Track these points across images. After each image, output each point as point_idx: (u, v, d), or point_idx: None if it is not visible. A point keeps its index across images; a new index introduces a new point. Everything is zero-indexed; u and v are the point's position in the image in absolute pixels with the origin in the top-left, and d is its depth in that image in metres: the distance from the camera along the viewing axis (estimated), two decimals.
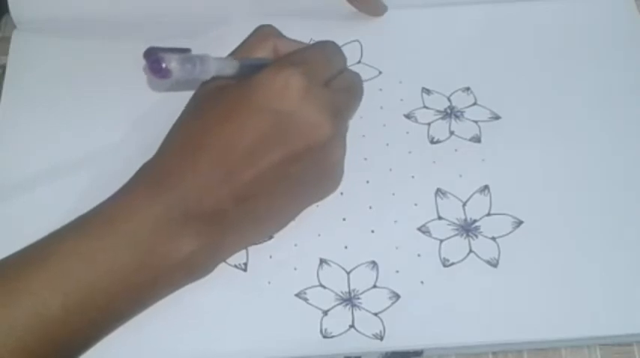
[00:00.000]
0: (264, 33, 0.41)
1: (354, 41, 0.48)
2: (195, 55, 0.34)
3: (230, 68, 0.36)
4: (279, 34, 0.41)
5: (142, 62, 0.47)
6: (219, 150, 0.36)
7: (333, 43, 0.41)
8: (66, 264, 0.35)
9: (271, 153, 0.36)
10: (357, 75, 0.42)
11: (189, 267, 0.38)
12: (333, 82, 0.39)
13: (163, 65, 0.32)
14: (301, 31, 0.48)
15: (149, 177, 0.38)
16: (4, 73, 0.47)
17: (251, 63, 0.38)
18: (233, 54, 0.40)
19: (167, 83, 0.32)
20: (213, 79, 0.35)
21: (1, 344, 0.33)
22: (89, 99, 0.46)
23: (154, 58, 0.32)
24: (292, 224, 0.42)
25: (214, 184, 0.36)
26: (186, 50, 0.34)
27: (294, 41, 0.41)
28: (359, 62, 0.48)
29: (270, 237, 0.41)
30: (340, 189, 0.43)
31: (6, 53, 0.48)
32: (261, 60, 0.39)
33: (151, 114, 0.45)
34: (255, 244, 0.41)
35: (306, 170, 0.38)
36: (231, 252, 0.40)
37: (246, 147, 0.36)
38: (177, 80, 0.33)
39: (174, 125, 0.39)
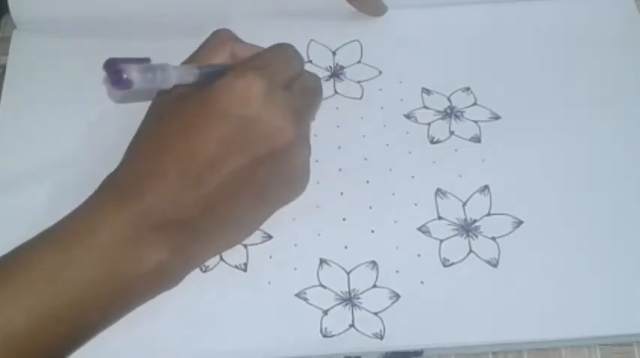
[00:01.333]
0: (221, 37, 0.40)
1: (354, 41, 0.48)
2: (156, 64, 0.33)
3: (190, 76, 0.36)
4: (236, 39, 0.41)
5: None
6: (183, 158, 0.36)
7: (290, 45, 0.41)
8: (30, 278, 0.34)
9: (235, 158, 0.36)
10: (315, 76, 0.42)
11: (158, 277, 0.38)
12: (293, 84, 0.39)
13: (124, 76, 0.32)
14: (301, 31, 0.48)
15: (114, 188, 0.37)
16: (4, 73, 0.47)
17: (210, 69, 0.38)
18: (190, 59, 0.40)
19: (126, 93, 0.32)
20: (173, 86, 0.35)
21: None
22: (89, 100, 0.46)
23: (114, 69, 0.31)
24: (292, 224, 0.42)
25: (180, 193, 0.36)
26: (146, 60, 0.33)
27: (252, 45, 0.41)
28: (359, 62, 0.48)
29: (267, 240, 0.41)
30: (340, 189, 0.43)
31: (6, 53, 0.48)
32: (220, 66, 0.39)
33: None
34: (224, 251, 0.40)
35: (271, 173, 0.38)
36: (202, 259, 0.40)
37: (210, 154, 0.36)
38: (137, 90, 0.32)
39: (136, 135, 0.39)
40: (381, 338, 0.39)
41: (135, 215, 0.36)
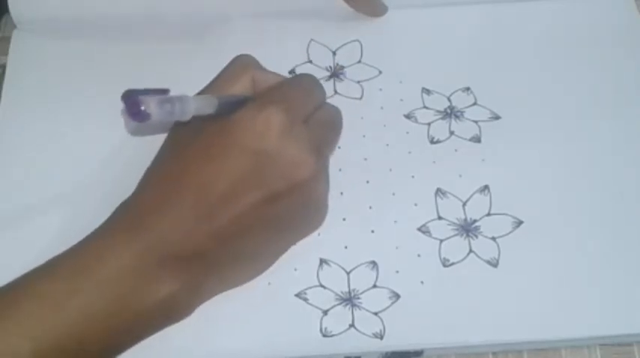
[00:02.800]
0: (242, 64, 0.39)
1: (354, 41, 0.48)
2: (174, 95, 0.32)
3: (209, 107, 0.35)
4: (257, 65, 0.40)
5: (142, 61, 0.48)
6: (199, 190, 0.35)
7: (311, 76, 0.40)
8: (36, 308, 0.34)
9: (252, 193, 0.35)
10: (336, 109, 0.42)
11: (167, 310, 0.37)
12: (313, 116, 0.39)
13: (142, 108, 0.31)
14: (301, 31, 0.48)
15: (125, 217, 0.37)
16: (4, 73, 0.47)
17: (230, 99, 0.37)
18: (210, 86, 0.39)
19: (146, 126, 0.31)
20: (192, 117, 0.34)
21: None
22: (89, 100, 0.46)
23: (132, 101, 0.30)
24: None
25: (193, 225, 0.35)
26: (165, 91, 0.33)
27: (273, 73, 0.40)
28: (359, 62, 0.48)
29: None
30: (340, 189, 0.43)
31: (6, 53, 0.48)
32: (240, 97, 0.38)
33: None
34: (237, 286, 0.40)
35: (288, 209, 0.37)
36: (213, 293, 0.39)
37: (226, 187, 0.35)
38: (156, 123, 0.31)
39: (152, 164, 0.39)
40: (381, 338, 0.39)
41: (144, 246, 0.35)
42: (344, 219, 0.42)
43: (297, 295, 0.40)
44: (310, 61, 0.47)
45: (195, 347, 0.38)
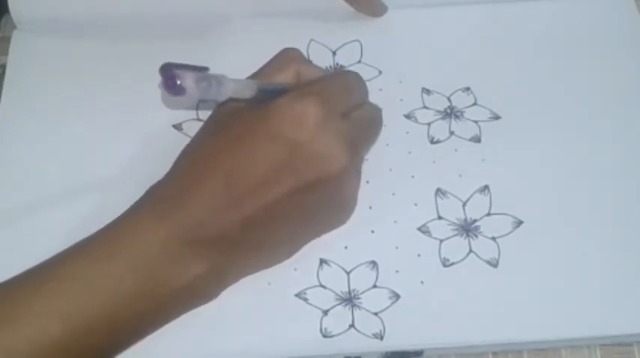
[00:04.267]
0: (288, 56, 0.40)
1: (354, 41, 0.48)
2: (212, 74, 0.33)
3: (248, 90, 0.35)
4: (303, 59, 0.40)
5: (142, 61, 0.47)
6: (230, 175, 0.36)
7: (356, 74, 0.40)
8: (66, 289, 0.34)
9: (283, 182, 0.36)
10: (377, 109, 0.42)
11: (193, 293, 0.37)
12: (353, 113, 0.39)
13: (178, 82, 0.31)
14: (301, 31, 0.48)
15: (156, 200, 0.37)
16: (4, 73, 0.47)
17: (271, 87, 0.37)
18: (254, 75, 0.39)
19: (183, 101, 0.31)
20: (231, 100, 0.35)
21: None
22: (89, 100, 0.46)
23: (169, 75, 0.31)
24: None
25: (222, 209, 0.35)
26: (204, 68, 0.33)
27: (318, 67, 0.40)
28: (359, 62, 0.48)
29: None
30: None
31: (6, 53, 0.48)
32: (281, 85, 0.38)
33: (149, 117, 0.45)
34: (259, 270, 0.40)
35: (316, 201, 0.37)
36: (236, 278, 0.39)
37: (257, 174, 0.35)
38: (191, 98, 0.32)
39: (187, 146, 0.39)
40: (381, 338, 0.39)
41: (174, 229, 0.35)
42: None
43: (297, 295, 0.40)
44: (310, 61, 0.47)
45: (196, 347, 0.38)
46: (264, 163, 0.35)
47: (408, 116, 0.46)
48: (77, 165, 0.44)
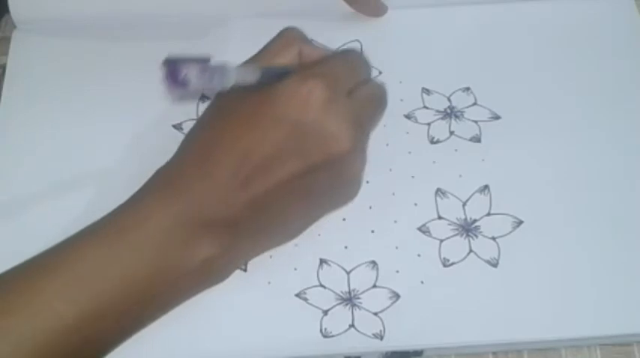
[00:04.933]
0: (289, 37, 0.39)
1: (354, 41, 0.48)
2: (215, 64, 0.33)
3: (251, 75, 0.35)
4: (304, 39, 0.40)
5: (142, 61, 0.47)
6: (237, 157, 0.36)
7: (357, 52, 0.41)
8: (78, 272, 0.34)
9: (289, 163, 0.36)
10: (381, 86, 0.41)
11: (202, 274, 0.37)
12: (357, 92, 0.39)
13: (181, 75, 0.31)
14: None
15: (163, 182, 0.37)
16: (4, 73, 0.47)
17: (273, 70, 0.37)
18: (256, 57, 0.39)
19: (187, 93, 0.31)
20: (235, 85, 0.35)
21: (14, 355, 0.33)
22: (89, 100, 0.46)
23: (172, 67, 0.31)
24: None
25: (230, 191, 0.36)
26: (206, 59, 0.33)
27: (320, 47, 0.40)
28: None
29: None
30: None
31: (6, 53, 0.48)
32: (284, 67, 0.38)
33: (151, 116, 0.45)
34: (267, 251, 0.40)
35: (323, 182, 0.37)
36: (246, 258, 0.40)
37: (264, 155, 0.36)
38: (196, 90, 0.32)
39: (192, 129, 0.39)
40: (381, 338, 0.39)
41: (182, 211, 0.36)
42: (344, 219, 0.42)
43: (297, 295, 0.40)
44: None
45: (195, 346, 0.38)
46: (271, 145, 0.36)
47: (408, 116, 0.46)
48: (77, 164, 0.44)
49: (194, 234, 0.36)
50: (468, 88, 0.47)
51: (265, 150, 0.36)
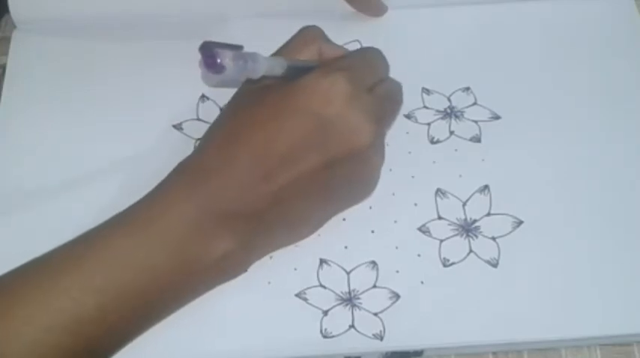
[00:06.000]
0: (310, 35, 0.40)
1: (354, 41, 0.48)
2: (247, 52, 0.34)
3: (278, 68, 0.36)
4: (324, 37, 0.41)
5: (142, 61, 0.48)
6: (259, 150, 0.36)
7: (376, 49, 0.41)
8: (100, 263, 0.35)
9: (311, 156, 0.36)
10: (398, 83, 0.42)
11: (223, 266, 0.38)
12: (377, 88, 0.39)
13: (218, 61, 0.32)
14: None
15: (186, 175, 0.38)
16: (4, 73, 0.47)
17: (298, 64, 0.38)
18: (278, 53, 0.40)
19: (222, 78, 0.33)
20: (261, 77, 0.35)
21: (38, 343, 0.33)
22: (89, 100, 0.46)
23: (209, 53, 0.33)
24: None
25: (252, 184, 0.36)
26: (239, 47, 0.34)
27: (338, 46, 0.41)
28: None
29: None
30: None
31: (6, 53, 0.48)
32: (308, 62, 0.39)
33: (151, 116, 0.45)
34: (284, 247, 0.41)
35: (343, 176, 0.38)
36: (263, 253, 0.40)
37: (286, 149, 0.36)
38: (230, 76, 0.33)
39: (215, 121, 0.39)
40: (381, 338, 0.39)
41: (204, 203, 0.36)
42: (344, 219, 0.42)
43: (297, 295, 0.40)
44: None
45: (195, 347, 0.38)
46: (293, 138, 0.36)
47: (408, 116, 0.46)
48: (77, 165, 0.44)
49: (215, 226, 0.36)
50: (468, 88, 0.47)
51: (287, 144, 0.36)
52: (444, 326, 0.39)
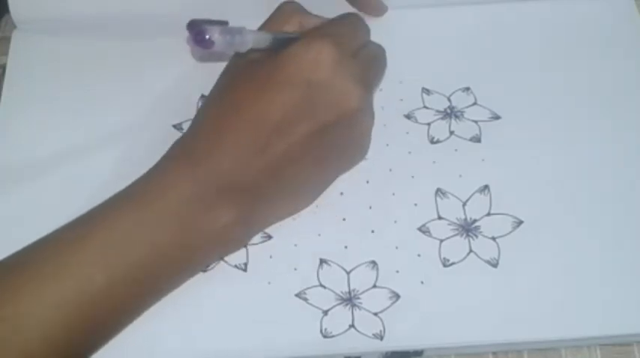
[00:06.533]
0: (289, 9, 0.41)
1: None
2: (234, 27, 0.35)
3: (264, 41, 0.37)
4: (303, 10, 0.42)
5: (142, 61, 0.48)
6: (253, 123, 0.37)
7: (356, 15, 0.42)
8: (108, 238, 0.36)
9: (303, 123, 0.37)
10: (380, 47, 0.43)
11: (224, 240, 0.39)
12: (360, 52, 0.40)
13: (207, 36, 0.33)
14: None
15: (182, 152, 0.38)
16: (4, 73, 0.47)
17: (283, 37, 0.39)
18: (261, 29, 0.40)
19: (210, 53, 0.34)
20: (248, 51, 0.36)
21: (48, 319, 0.34)
22: (89, 99, 0.46)
23: (197, 30, 0.34)
24: (292, 224, 0.42)
25: (248, 157, 0.37)
26: (224, 22, 0.35)
27: (318, 16, 0.42)
28: None
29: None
30: (340, 189, 0.43)
31: (6, 53, 0.48)
32: (291, 34, 0.40)
33: (151, 116, 0.45)
34: (284, 219, 0.41)
35: (337, 140, 0.39)
36: (263, 225, 0.41)
37: (280, 118, 0.37)
38: (218, 50, 0.34)
39: (208, 97, 0.40)
40: (381, 338, 0.39)
41: (202, 178, 0.37)
42: (344, 219, 0.42)
43: (297, 295, 0.40)
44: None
45: (196, 346, 0.38)
46: (285, 108, 0.37)
47: (408, 116, 0.46)
48: (77, 165, 0.44)
49: (214, 200, 0.37)
50: (467, 88, 0.47)
51: (280, 113, 0.37)
52: (444, 326, 0.39)
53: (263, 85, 0.37)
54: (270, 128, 0.37)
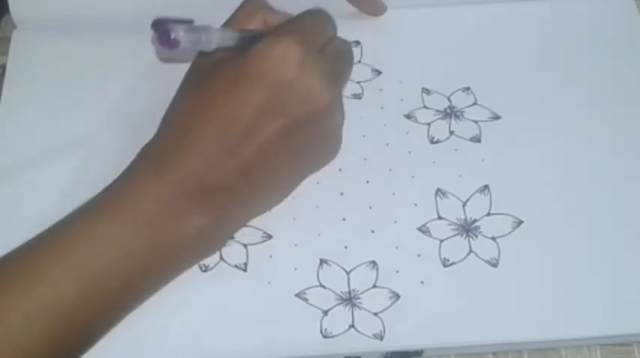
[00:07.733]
0: (252, 6, 0.41)
1: (354, 41, 0.48)
2: (200, 25, 0.34)
3: (230, 39, 0.37)
4: (267, 6, 0.41)
5: (142, 61, 0.48)
6: (222, 124, 0.36)
7: (322, 10, 0.41)
8: (78, 250, 0.35)
9: (273, 123, 0.37)
10: (346, 42, 0.43)
11: (199, 244, 0.38)
12: (327, 48, 0.40)
13: (172, 35, 0.33)
14: None
15: (152, 157, 0.38)
16: (4, 73, 0.47)
17: (249, 34, 0.38)
18: (224, 26, 0.40)
19: (176, 53, 0.34)
20: (213, 50, 0.36)
21: (20, 332, 0.33)
22: (89, 100, 0.46)
23: (162, 29, 0.33)
24: (292, 224, 0.42)
25: (218, 159, 0.36)
26: (190, 21, 0.35)
27: (283, 12, 0.41)
28: (359, 62, 0.48)
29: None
30: (340, 189, 0.43)
31: (6, 53, 0.48)
32: (257, 31, 0.39)
33: (151, 116, 0.45)
34: (258, 215, 0.41)
35: (307, 138, 0.39)
36: (239, 224, 0.41)
37: (248, 119, 0.36)
38: (184, 50, 0.33)
39: (174, 99, 0.39)
40: (381, 338, 0.39)
41: (172, 182, 0.36)
42: (344, 219, 0.42)
43: (297, 295, 0.40)
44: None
45: (195, 347, 0.38)
46: (253, 108, 0.36)
47: (408, 116, 0.46)
48: (77, 164, 0.44)
49: (186, 204, 0.36)
50: (468, 88, 0.47)
51: (248, 114, 0.36)
52: (444, 326, 0.39)
53: (230, 86, 0.37)
54: (239, 129, 0.36)
